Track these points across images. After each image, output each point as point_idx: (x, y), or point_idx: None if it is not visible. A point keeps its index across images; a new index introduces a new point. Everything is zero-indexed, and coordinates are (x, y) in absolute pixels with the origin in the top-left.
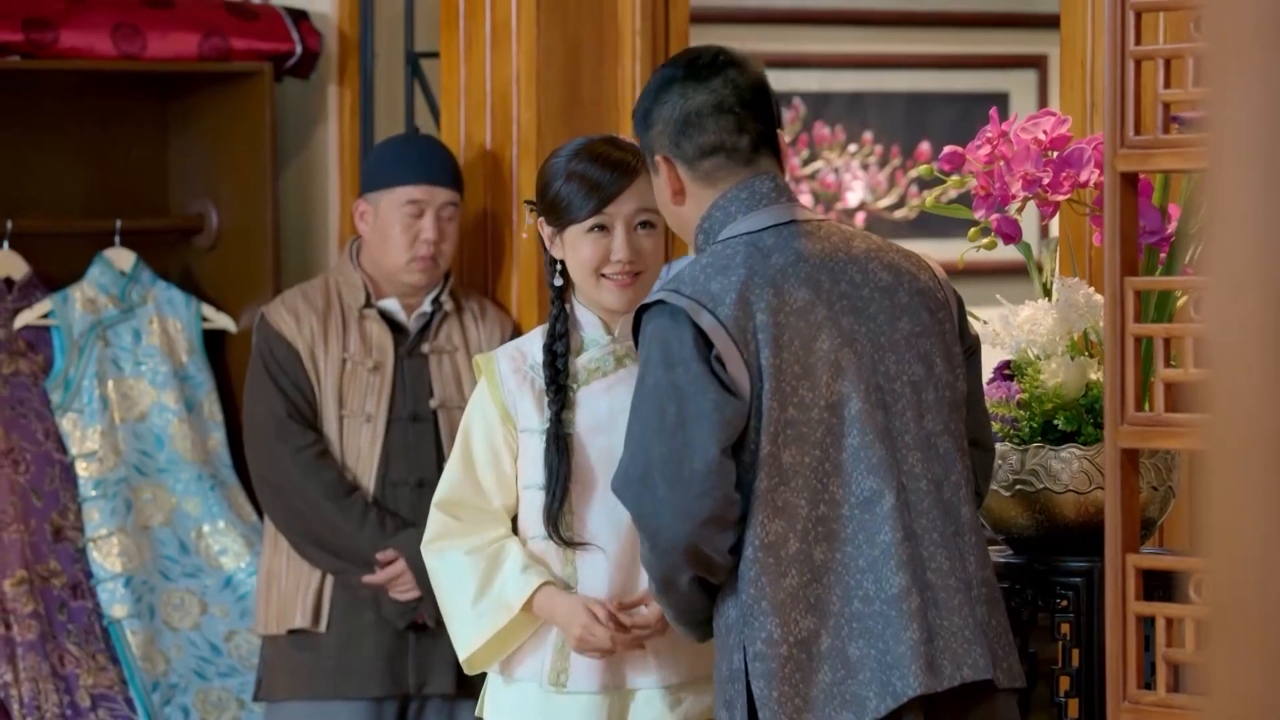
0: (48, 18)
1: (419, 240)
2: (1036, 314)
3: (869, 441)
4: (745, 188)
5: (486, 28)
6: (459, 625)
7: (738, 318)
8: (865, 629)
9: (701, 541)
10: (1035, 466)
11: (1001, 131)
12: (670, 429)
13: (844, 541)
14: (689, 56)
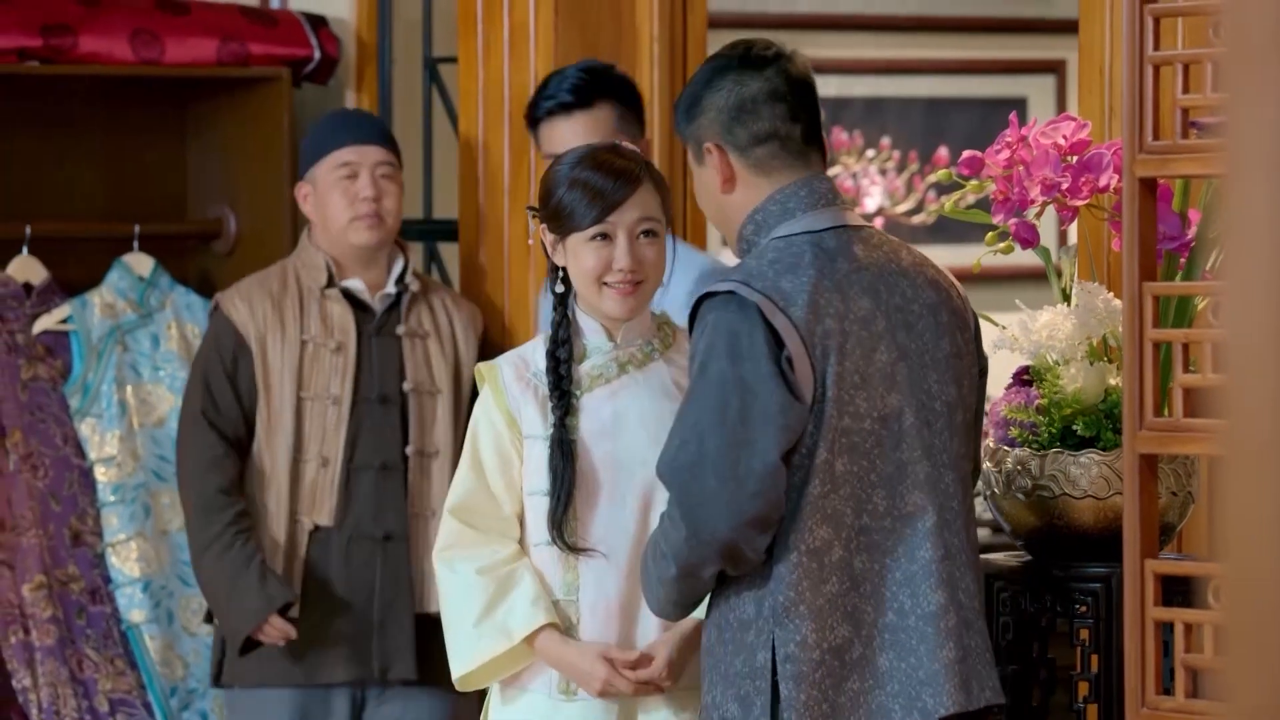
0: (67, 23)
1: (358, 200)
2: (1055, 319)
3: (917, 457)
4: (804, 185)
5: (504, 33)
6: (458, 642)
7: (809, 321)
8: (897, 642)
9: (742, 540)
10: (1054, 472)
11: (1020, 136)
12: (731, 424)
13: (884, 554)
14: (743, 46)
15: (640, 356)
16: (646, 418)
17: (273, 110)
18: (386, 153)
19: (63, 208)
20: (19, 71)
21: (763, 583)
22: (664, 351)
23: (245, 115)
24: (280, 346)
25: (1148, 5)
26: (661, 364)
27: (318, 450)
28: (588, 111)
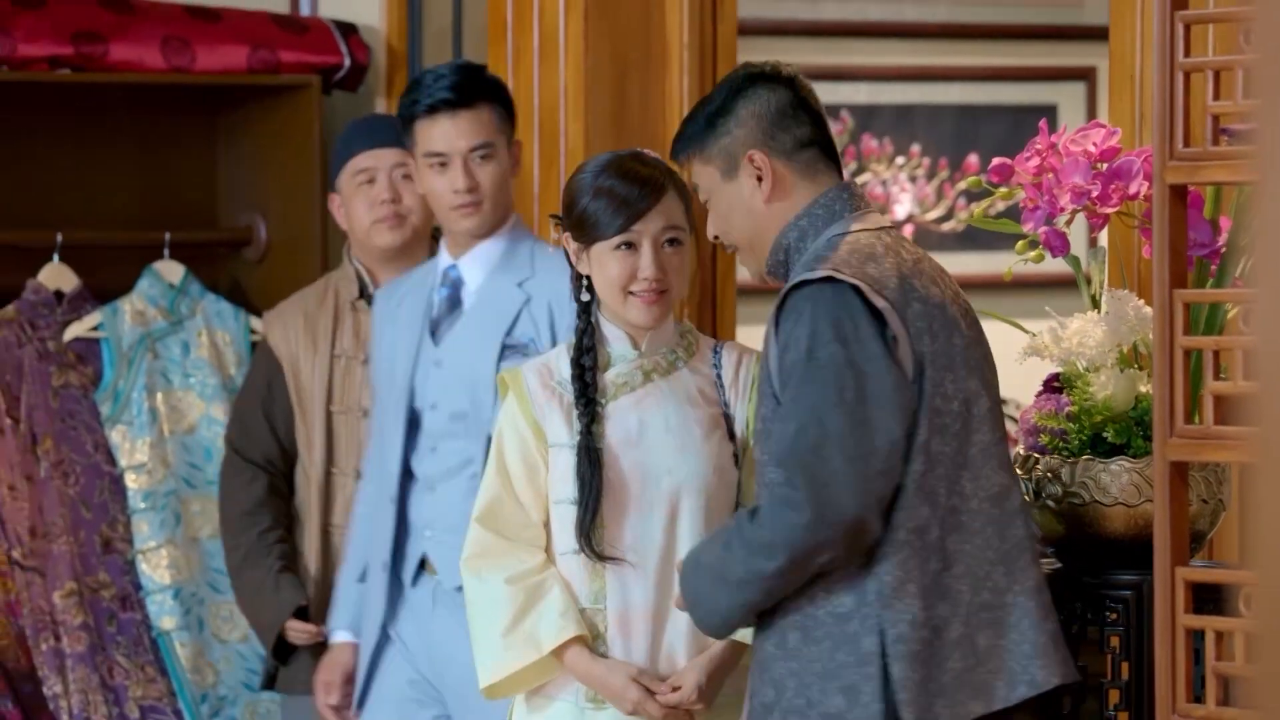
0: (98, 31)
1: (376, 203)
2: (1085, 326)
3: (998, 438)
4: (844, 189)
5: (534, 41)
6: (485, 652)
7: (901, 303)
8: (995, 620)
9: (870, 517)
10: (1084, 479)
11: (1050, 143)
12: (850, 404)
13: (973, 533)
14: (756, 65)
15: (665, 364)
16: (672, 425)
17: (303, 118)
18: (403, 153)
19: (93, 215)
20: (50, 79)
21: (861, 570)
22: (688, 360)
23: (275, 123)
24: (312, 363)
25: (1179, 12)
26: (686, 372)
27: (351, 463)
28: (471, 110)
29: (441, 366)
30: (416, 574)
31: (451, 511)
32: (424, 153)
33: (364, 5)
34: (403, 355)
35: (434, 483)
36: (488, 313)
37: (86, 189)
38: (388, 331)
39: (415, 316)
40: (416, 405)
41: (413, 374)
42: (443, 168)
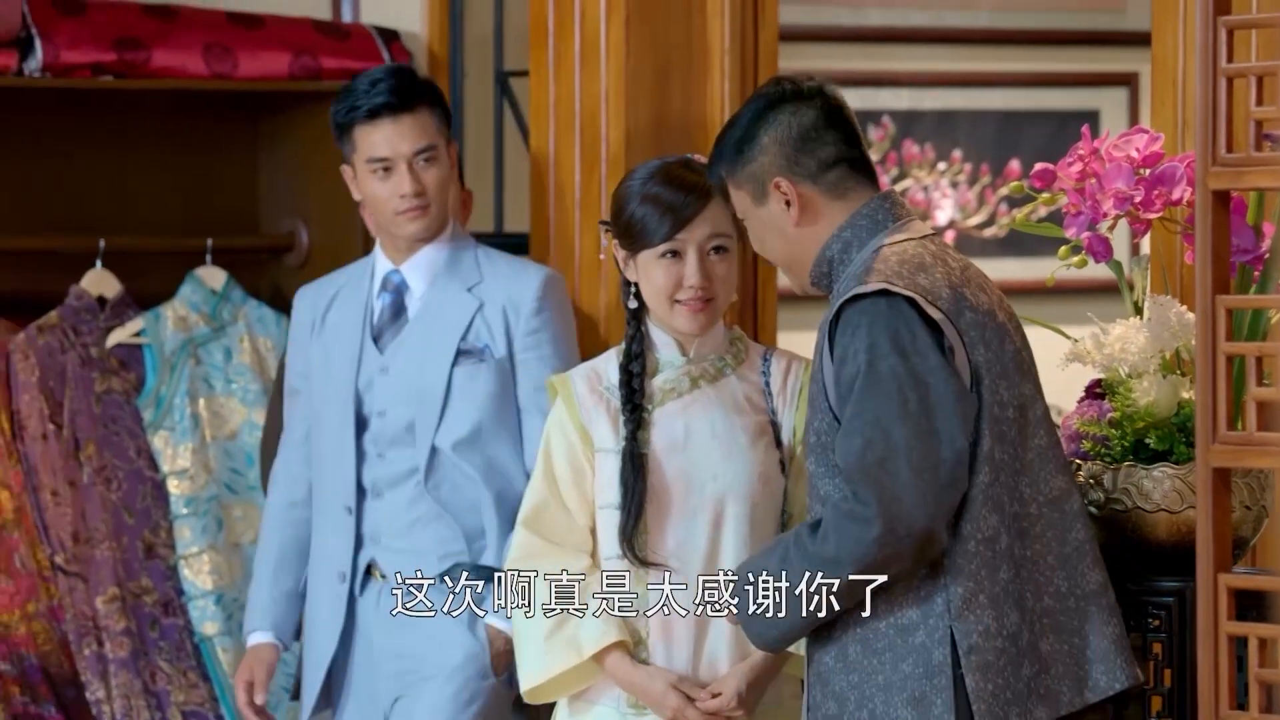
0: (140, 38)
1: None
2: (1128, 332)
3: (1054, 442)
4: (885, 199)
5: (576, 46)
6: (528, 655)
7: (955, 312)
8: (1056, 625)
9: (938, 528)
10: (1127, 486)
11: (1093, 149)
12: (914, 415)
13: (1034, 539)
14: (786, 82)
15: (712, 371)
16: (718, 432)
17: None
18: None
19: (136, 221)
20: (93, 86)
21: (926, 583)
22: (736, 367)
23: (317, 129)
24: None
25: (1221, 17)
26: (734, 379)
27: None
28: (412, 114)
29: (389, 374)
30: (364, 581)
31: (398, 518)
32: (366, 158)
33: (405, 11)
34: (343, 362)
35: (381, 490)
36: (438, 319)
37: (129, 195)
38: (313, 339)
39: (352, 322)
40: (364, 412)
41: (356, 380)
42: (386, 173)
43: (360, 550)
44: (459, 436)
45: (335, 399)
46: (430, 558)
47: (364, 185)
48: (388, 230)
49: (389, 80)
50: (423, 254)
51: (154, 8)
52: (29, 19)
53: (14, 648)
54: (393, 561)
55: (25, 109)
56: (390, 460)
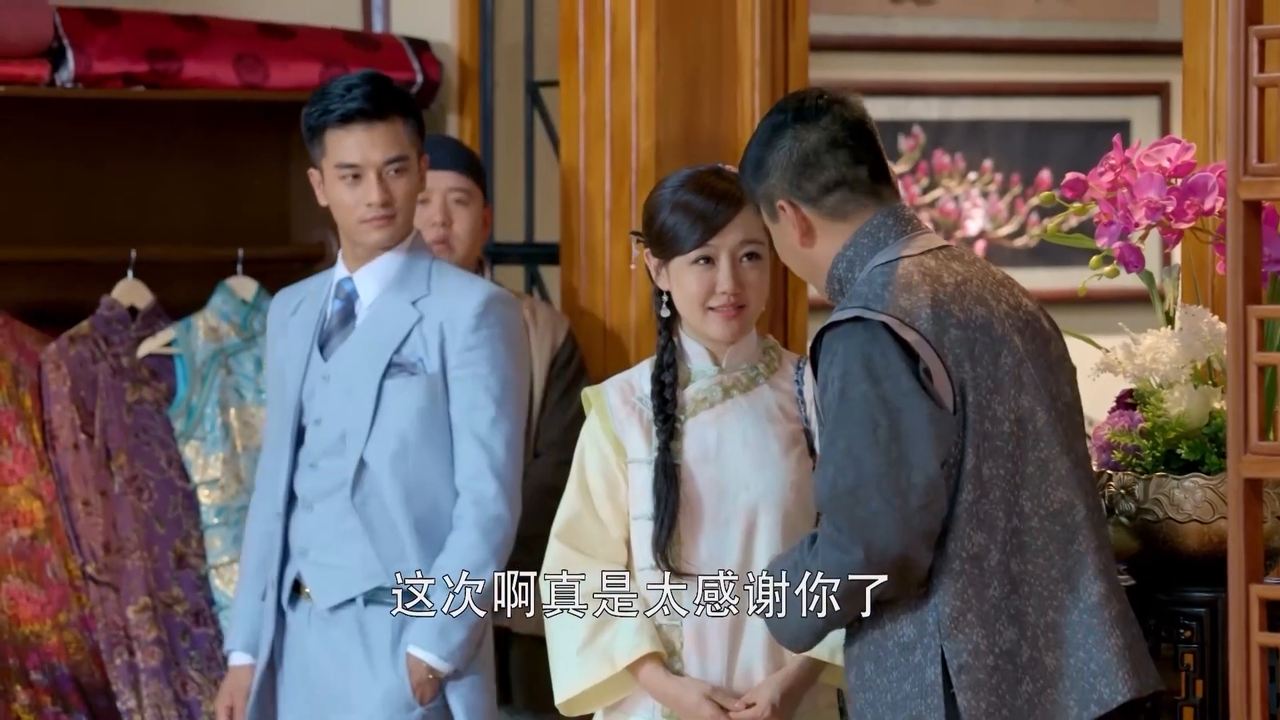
0: (171, 48)
1: (428, 225)
2: (1159, 342)
3: (1056, 454)
4: (889, 215)
5: (606, 56)
6: (561, 668)
7: (936, 332)
8: (1061, 639)
9: (914, 553)
10: (1158, 496)
11: (1124, 159)
12: (884, 443)
13: (1035, 553)
14: (795, 100)
15: (745, 380)
16: (750, 441)
17: None
18: (460, 177)
19: (167, 232)
20: (124, 96)
21: (920, 600)
22: (769, 376)
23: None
24: None
25: (1253, 27)
26: (766, 388)
27: None
28: (385, 123)
29: (329, 382)
30: (292, 596)
31: (326, 532)
32: (336, 164)
33: (436, 22)
34: (293, 368)
35: (311, 502)
36: (378, 329)
37: (160, 205)
38: (279, 342)
39: (307, 328)
40: (304, 420)
41: (301, 388)
42: (355, 180)
43: (287, 563)
44: (386, 450)
45: (282, 405)
46: (355, 576)
47: (331, 190)
48: (350, 237)
49: (364, 86)
50: (377, 263)
51: (185, 18)
52: (61, 30)
53: (45, 657)
54: (318, 577)
55: (57, 119)
56: (322, 471)
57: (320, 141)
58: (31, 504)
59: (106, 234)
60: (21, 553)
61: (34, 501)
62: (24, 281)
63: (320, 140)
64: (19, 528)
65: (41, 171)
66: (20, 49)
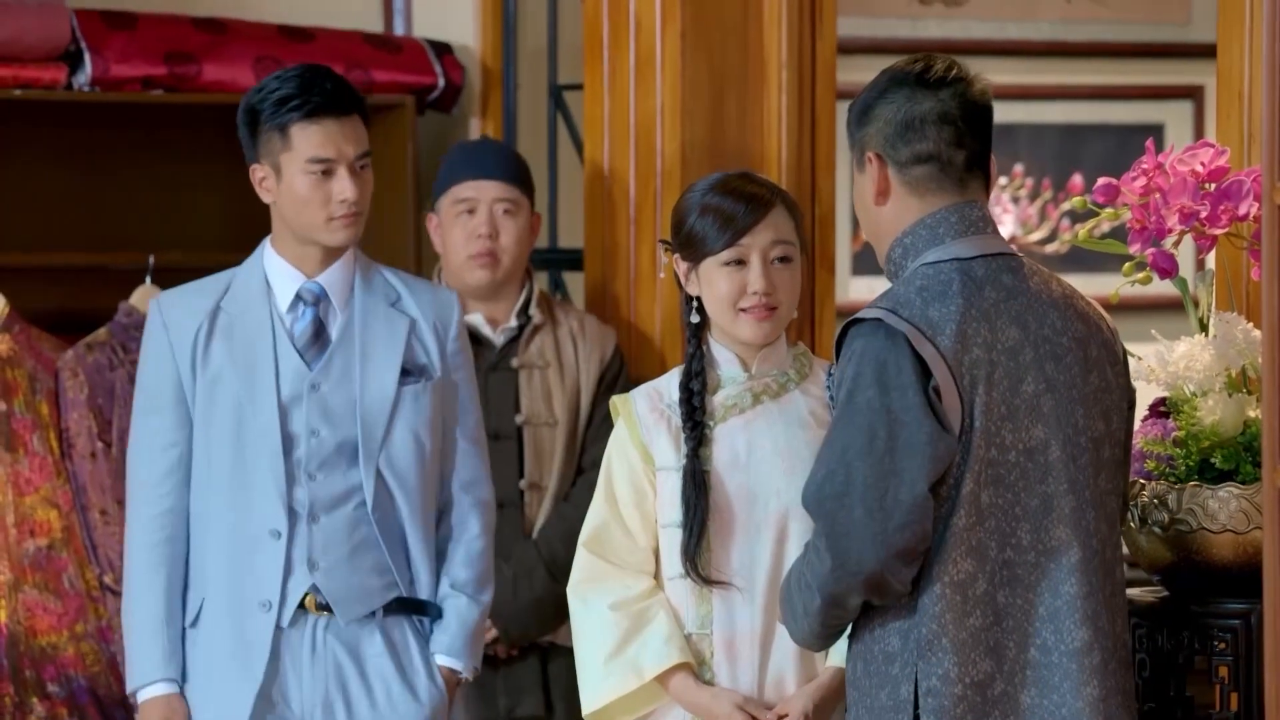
0: (190, 51)
1: (473, 236)
2: (1193, 350)
3: (1062, 491)
4: (955, 210)
5: (630, 60)
6: (589, 678)
7: (956, 351)
8: (1039, 679)
9: (889, 571)
10: (1192, 506)
11: (1157, 163)
12: (879, 454)
13: (1027, 588)
14: (924, 61)
15: (775, 386)
16: (780, 448)
17: (396, 138)
18: (507, 187)
19: (186, 237)
20: (143, 100)
21: (908, 615)
22: (800, 382)
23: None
24: None
25: None
26: (798, 394)
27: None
28: (351, 117)
29: (320, 390)
30: (293, 615)
31: (338, 544)
32: (308, 158)
33: (458, 25)
34: (259, 379)
35: (317, 513)
36: (374, 335)
37: (178, 210)
38: (198, 351)
39: (259, 337)
40: (294, 431)
41: (279, 399)
42: (325, 175)
43: (290, 577)
44: (403, 458)
45: (248, 419)
46: (375, 587)
47: (295, 187)
48: (311, 237)
49: (329, 81)
50: (341, 265)
51: (204, 21)
52: (78, 33)
53: (62, 669)
54: (338, 591)
55: (74, 123)
56: (323, 482)
57: (282, 135)
58: (48, 513)
59: (124, 239)
60: (38, 563)
61: (51, 511)
62: (41, 288)
63: (282, 134)
64: (36, 538)
65: (58, 176)
66: (37, 52)
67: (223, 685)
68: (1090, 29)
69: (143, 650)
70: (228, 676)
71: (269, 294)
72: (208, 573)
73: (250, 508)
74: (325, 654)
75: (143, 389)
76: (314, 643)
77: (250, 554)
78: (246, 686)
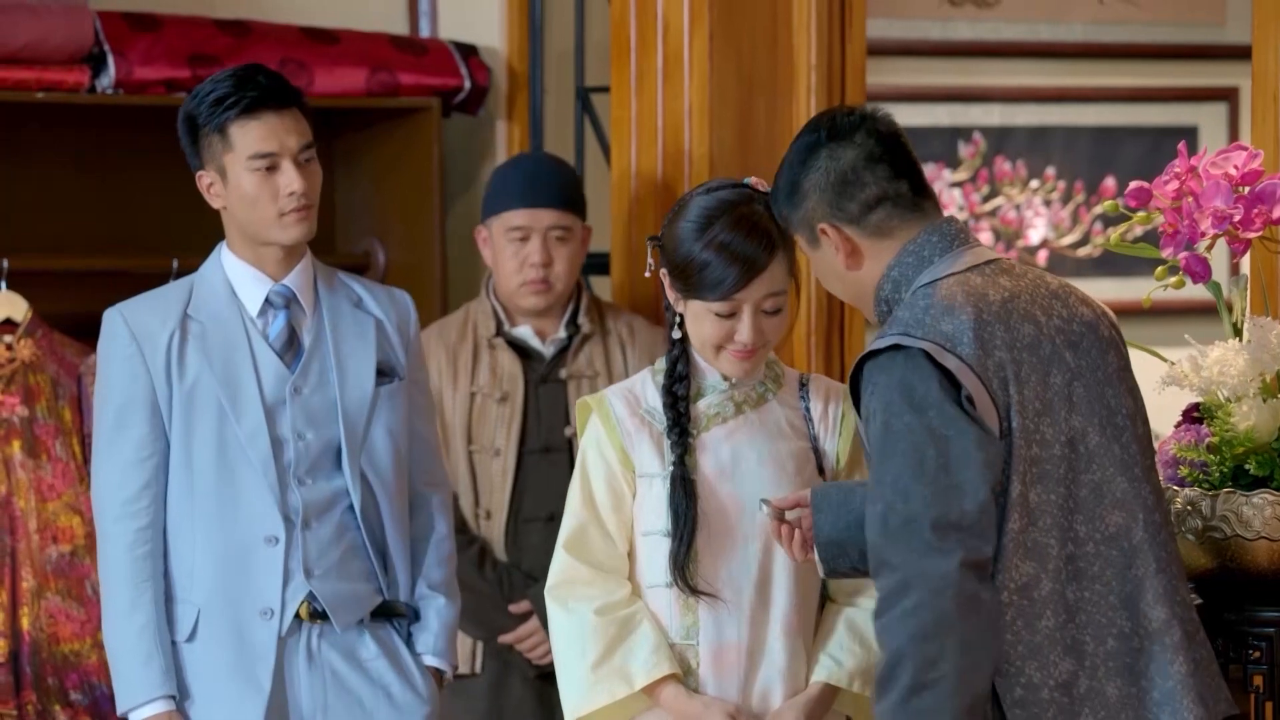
0: (214, 54)
1: (526, 265)
2: (1226, 355)
3: (1110, 475)
4: (934, 231)
5: (658, 61)
6: (572, 685)
7: (979, 356)
8: (1123, 667)
9: (973, 583)
10: (1225, 512)
11: (1190, 166)
12: (932, 473)
13: (1092, 579)
14: (826, 118)
15: (755, 396)
16: (765, 459)
17: (422, 141)
18: (562, 214)
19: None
20: (166, 103)
21: None
22: (776, 391)
23: (394, 146)
24: (453, 400)
25: None
26: (775, 404)
27: (485, 504)
28: (290, 110)
29: (302, 393)
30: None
31: (331, 550)
32: (250, 155)
33: (484, 26)
34: (241, 384)
35: (309, 519)
36: (348, 336)
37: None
38: (171, 358)
39: (235, 342)
40: (281, 435)
41: (263, 403)
42: (270, 171)
43: (287, 585)
44: (383, 459)
45: (232, 426)
46: (364, 592)
47: (241, 187)
48: (264, 236)
49: (261, 75)
50: (303, 267)
51: (228, 23)
52: (101, 35)
53: (85, 677)
54: (334, 598)
55: (97, 127)
56: (312, 487)
57: (222, 137)
58: (71, 520)
59: (147, 243)
60: (61, 570)
61: (74, 517)
62: (63, 292)
63: (222, 135)
64: (58, 544)
65: (81, 180)
66: (60, 54)
67: (228, 699)
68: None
69: (135, 668)
70: (232, 689)
71: (235, 299)
72: (198, 584)
73: (239, 515)
74: (321, 662)
75: (109, 402)
76: (310, 651)
77: (244, 562)
78: (255, 698)
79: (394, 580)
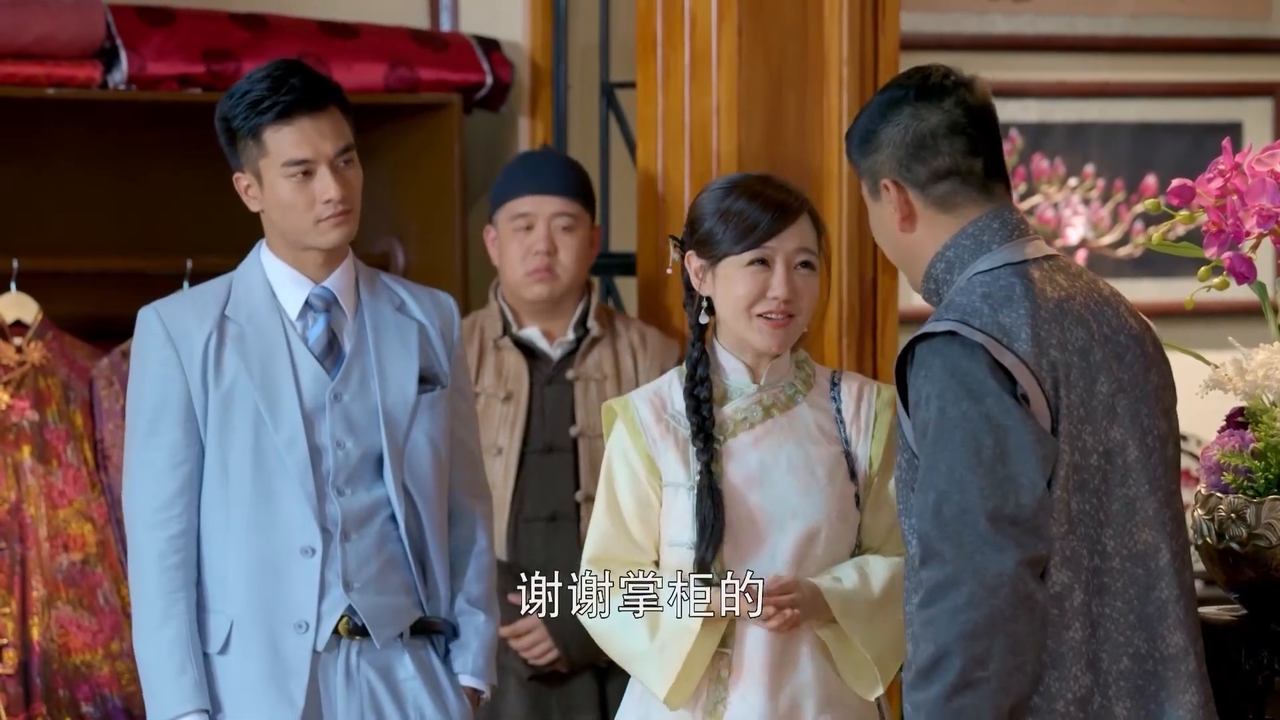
0: (229, 49)
1: (531, 253)
2: (1272, 358)
3: (1144, 493)
4: (995, 217)
5: (685, 57)
6: (645, 667)
7: (1035, 354)
8: (1134, 688)
9: (1032, 578)
10: (1270, 520)
11: (1234, 163)
12: (989, 463)
13: (1115, 595)
14: (919, 75)
15: (784, 399)
16: (795, 465)
17: (443, 138)
18: (567, 202)
19: (224, 241)
20: (180, 99)
21: None
22: (806, 393)
23: (414, 143)
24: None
25: None
26: (805, 407)
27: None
28: (326, 111)
29: (343, 400)
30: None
31: (371, 562)
32: (285, 161)
33: (507, 21)
34: (281, 390)
35: (349, 530)
36: (389, 341)
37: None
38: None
39: (275, 346)
40: (320, 443)
41: (302, 410)
42: (306, 177)
43: (325, 597)
44: (424, 469)
45: (269, 432)
46: (404, 606)
47: (277, 193)
48: (303, 242)
49: (297, 76)
50: (345, 269)
51: (244, 17)
52: (113, 29)
53: (97, 688)
54: (373, 612)
55: (110, 123)
56: (350, 497)
57: (257, 142)
58: (82, 527)
59: (160, 243)
60: (72, 579)
61: (85, 525)
62: (74, 293)
63: (256, 141)
64: (69, 552)
65: (93, 178)
66: (71, 50)
67: (260, 713)
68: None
69: (167, 681)
70: (265, 703)
71: (275, 300)
72: (232, 595)
73: (276, 525)
74: (359, 679)
75: (142, 406)
76: (348, 668)
77: (279, 573)
78: (288, 713)
79: (434, 593)
